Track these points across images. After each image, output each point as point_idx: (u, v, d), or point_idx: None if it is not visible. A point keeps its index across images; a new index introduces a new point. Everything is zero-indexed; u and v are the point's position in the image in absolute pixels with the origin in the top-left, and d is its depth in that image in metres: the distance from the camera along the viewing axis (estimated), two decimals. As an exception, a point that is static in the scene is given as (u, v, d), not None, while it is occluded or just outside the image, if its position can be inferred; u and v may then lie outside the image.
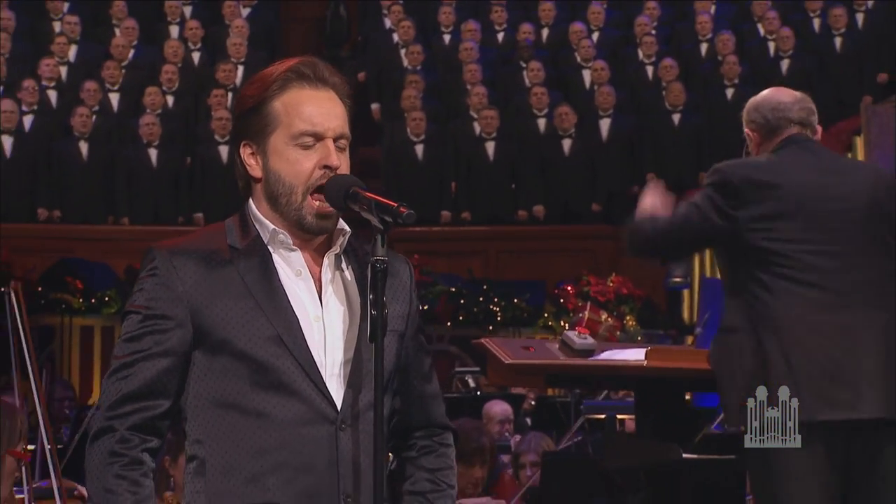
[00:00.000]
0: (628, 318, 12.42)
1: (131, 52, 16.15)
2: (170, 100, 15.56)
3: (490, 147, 15.33)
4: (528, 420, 10.43)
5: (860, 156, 15.18)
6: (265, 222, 3.14)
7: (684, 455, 4.89)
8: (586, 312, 12.36)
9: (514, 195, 15.37)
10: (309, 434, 3.04)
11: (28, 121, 14.74)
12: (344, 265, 3.17)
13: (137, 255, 3.16)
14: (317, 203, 3.08)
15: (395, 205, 2.98)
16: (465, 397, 10.91)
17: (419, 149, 15.38)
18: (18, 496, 4.56)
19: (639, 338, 12.06)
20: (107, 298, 11.32)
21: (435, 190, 15.37)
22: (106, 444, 3.03)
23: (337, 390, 3.07)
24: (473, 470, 6.71)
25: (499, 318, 12.84)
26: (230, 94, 15.73)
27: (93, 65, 15.82)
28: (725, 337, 4.80)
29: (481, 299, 12.84)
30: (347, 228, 3.16)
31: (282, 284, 3.10)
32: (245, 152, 3.17)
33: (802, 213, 4.75)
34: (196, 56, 16.43)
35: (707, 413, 5.28)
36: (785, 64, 16.06)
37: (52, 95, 15.33)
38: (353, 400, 3.07)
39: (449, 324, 12.74)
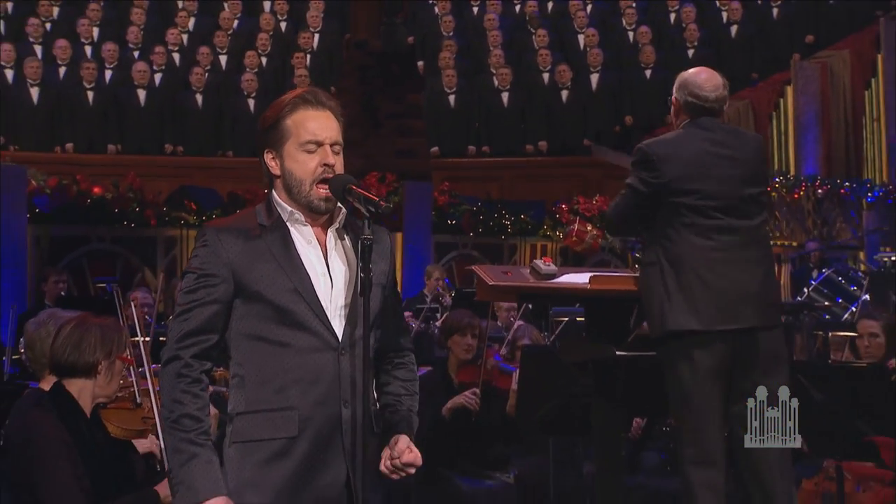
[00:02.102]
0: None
1: (235, 23, 16.00)
2: (264, 60, 15.44)
3: (505, 96, 15.23)
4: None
5: (790, 101, 15.08)
6: (284, 206, 3.20)
7: (618, 352, 4.91)
8: (576, 225, 12.21)
9: (524, 133, 15.24)
10: (318, 358, 3.09)
11: (157, 78, 14.64)
12: (343, 236, 3.22)
13: (238, 182, 3.20)
14: (322, 191, 3.14)
15: (377, 199, 3.07)
16: (479, 292, 10.83)
17: (451, 97, 15.28)
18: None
19: (616, 245, 12.02)
20: (214, 216, 11.31)
21: (462, 129, 15.25)
22: (174, 368, 3.09)
23: (339, 327, 3.12)
24: (466, 338, 6.71)
25: (509, 230, 12.72)
26: (308, 56, 15.69)
27: (206, 33, 15.67)
28: (645, 269, 4.81)
29: (496, 215, 12.67)
30: (345, 209, 3.19)
31: (297, 251, 3.15)
32: (268, 157, 3.22)
33: (700, 177, 4.71)
34: (283, 25, 16.22)
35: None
36: (734, 29, 15.90)
37: (176, 57, 15.20)
38: (349, 333, 3.11)
39: (472, 234, 12.68)
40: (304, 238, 3.18)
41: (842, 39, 15.35)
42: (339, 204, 3.18)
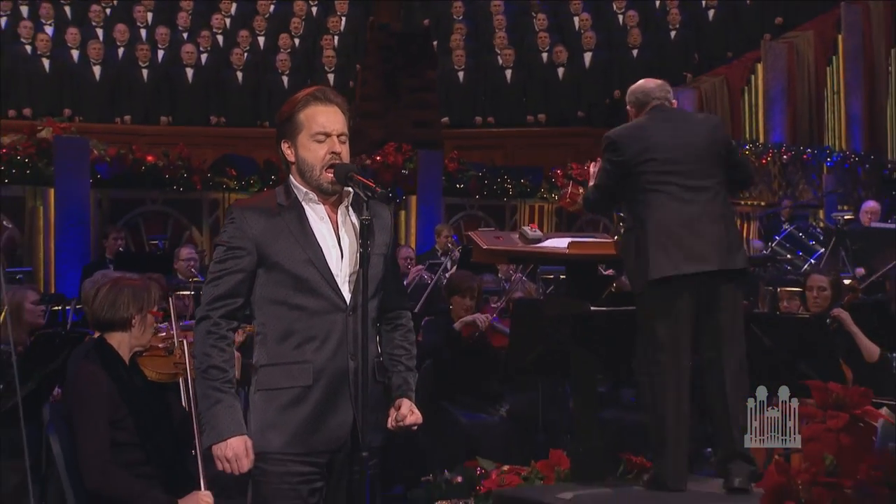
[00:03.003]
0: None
1: (272, 8, 15.92)
2: (296, 42, 15.40)
3: (508, 73, 15.18)
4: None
5: (760, 77, 15.02)
6: (300, 188, 3.23)
7: (593, 307, 4.96)
8: (569, 188, 12.26)
9: (525, 106, 15.16)
10: (329, 318, 3.14)
11: (203, 57, 14.64)
12: (350, 214, 3.24)
13: (274, 151, 3.21)
14: (330, 175, 3.18)
15: (373, 185, 3.11)
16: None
17: (461, 74, 15.24)
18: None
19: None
20: (252, 181, 11.39)
21: (470, 103, 15.20)
22: (204, 326, 3.15)
23: (347, 292, 3.16)
24: (465, 300, 6.78)
25: (510, 193, 12.74)
26: (336, 38, 15.64)
27: (246, 18, 15.63)
28: (624, 233, 4.88)
29: (499, 179, 12.67)
30: (352, 191, 3.19)
31: (311, 227, 3.18)
32: (284, 146, 3.26)
33: (661, 152, 4.76)
34: (314, 10, 16.18)
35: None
36: (711, 13, 15.70)
37: (220, 39, 15.18)
38: (355, 297, 3.14)
39: (477, 196, 12.71)
40: (317, 215, 3.21)
41: (807, 21, 15.23)
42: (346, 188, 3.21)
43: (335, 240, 3.21)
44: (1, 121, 12.67)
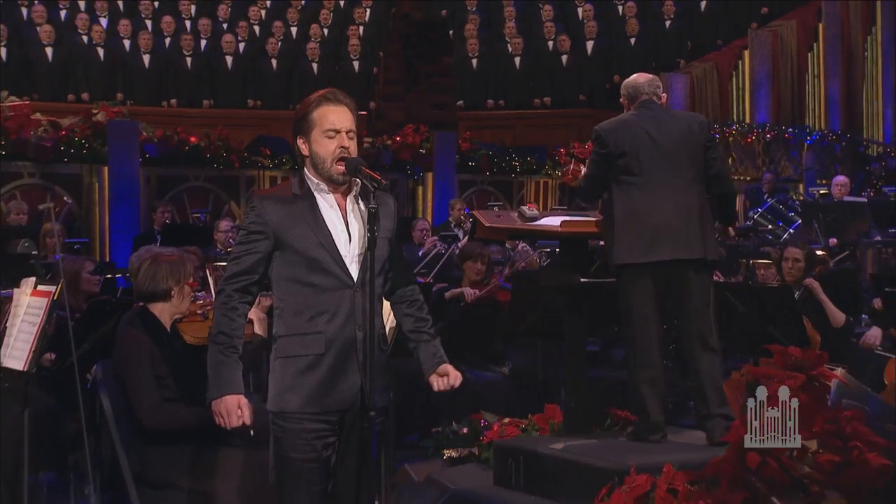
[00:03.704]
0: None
1: (303, 1, 15.86)
2: (325, 31, 15.33)
3: (517, 60, 15.12)
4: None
5: (747, 62, 14.92)
6: (312, 179, 3.25)
7: (582, 279, 4.99)
8: (571, 165, 12.21)
9: (532, 90, 15.08)
10: (339, 294, 3.17)
11: (241, 46, 14.58)
12: (358, 201, 3.26)
13: None
14: (340, 167, 3.20)
15: (378, 177, 3.14)
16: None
17: (474, 61, 15.17)
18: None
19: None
20: (284, 160, 11.38)
21: (482, 87, 15.13)
22: (220, 298, 3.23)
23: (354, 271, 3.18)
24: (476, 264, 6.83)
25: (518, 170, 12.77)
26: (361, 28, 15.57)
27: (280, 10, 15.56)
28: (604, 217, 4.86)
29: (507, 158, 12.66)
30: (360, 181, 3.22)
31: (322, 214, 3.20)
32: (299, 142, 3.28)
33: (639, 147, 4.72)
34: (342, 2, 16.07)
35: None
36: (703, 3, 15.53)
37: (256, 29, 15.09)
38: (362, 276, 3.17)
39: (488, 173, 12.68)
40: (327, 203, 3.23)
41: (790, 12, 15.12)
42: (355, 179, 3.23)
43: (344, 225, 3.22)
44: (61, 104, 12.77)
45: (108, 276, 7.63)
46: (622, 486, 4.06)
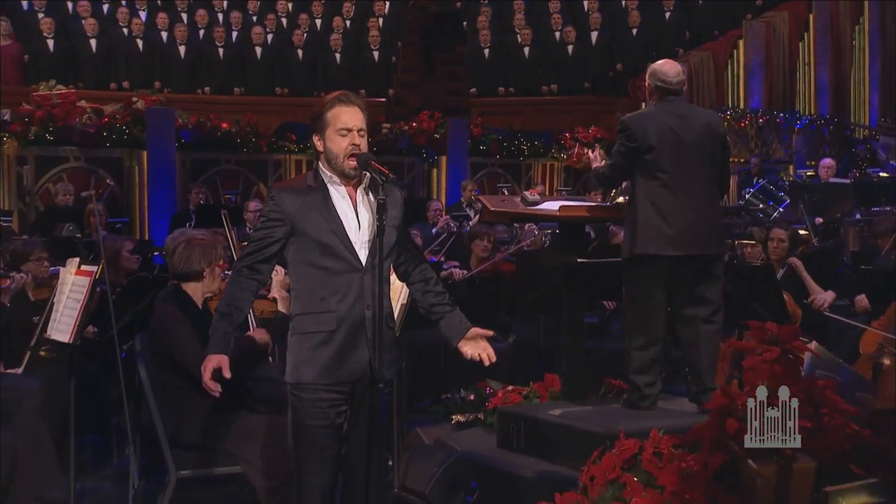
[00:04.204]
0: (600, 150, 12.15)
1: (327, -6, 15.98)
2: (347, 23, 15.28)
3: (526, 50, 15.05)
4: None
5: (741, 51, 14.81)
6: (326, 173, 3.29)
7: (579, 259, 4.98)
8: (576, 149, 12.27)
9: (539, 78, 15.01)
10: (349, 277, 3.21)
11: (269, 38, 14.56)
12: (368, 193, 3.29)
13: None
14: (351, 163, 3.24)
15: (387, 171, 3.18)
16: (502, 201, 10.80)
17: (486, 51, 15.09)
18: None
19: (603, 161, 12.00)
20: (308, 145, 11.28)
21: (493, 75, 15.06)
22: (233, 273, 3.32)
23: (363, 256, 3.22)
24: (484, 242, 6.87)
25: (525, 153, 12.79)
26: (380, 20, 15.53)
27: (306, 3, 15.48)
28: (629, 206, 4.79)
29: (516, 142, 12.71)
30: (369, 175, 3.25)
31: (334, 204, 3.24)
32: (315, 139, 3.32)
33: (662, 143, 4.63)
34: (363, -3, 16.23)
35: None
36: (702, -5, 15.58)
37: (284, 22, 15.07)
38: (370, 260, 3.21)
39: (497, 156, 12.71)
40: (339, 195, 3.27)
41: (783, 3, 15.00)
42: (365, 172, 3.28)
43: (354, 214, 3.26)
44: (104, 92, 12.86)
45: (147, 254, 7.71)
46: (612, 449, 4.09)
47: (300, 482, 3.24)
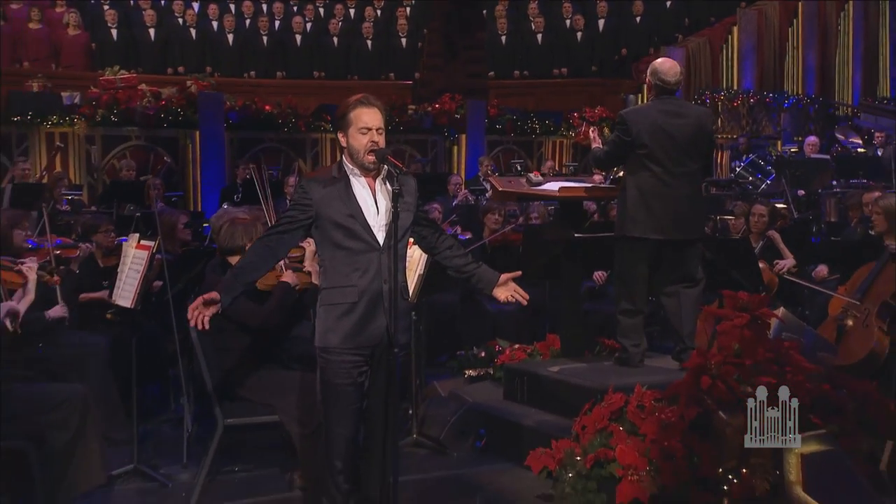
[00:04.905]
0: (605, 129, 11.95)
1: (361, -13, 15.87)
2: (378, 13, 15.18)
3: (539, 36, 14.94)
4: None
5: (735, 37, 14.65)
6: (348, 165, 3.35)
7: (576, 234, 5.09)
8: (583, 127, 12.30)
9: (551, 62, 14.88)
10: (368, 256, 3.27)
11: (308, 26, 14.52)
12: (385, 183, 3.34)
13: None
14: (371, 157, 3.29)
15: (402, 165, 3.25)
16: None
17: (503, 38, 14.99)
18: None
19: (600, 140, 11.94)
20: None
21: (509, 60, 14.93)
22: (257, 241, 3.42)
23: (381, 238, 3.28)
24: (495, 216, 6.91)
25: (537, 131, 12.74)
26: (408, 9, 15.42)
27: (340, -6, 15.63)
28: (621, 191, 4.83)
29: (528, 121, 12.65)
30: (386, 168, 3.30)
31: (354, 193, 3.30)
32: (339, 136, 3.38)
33: (654, 142, 4.67)
34: (393, -11, 16.12)
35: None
36: (697, -16, 15.39)
37: (321, 11, 15.00)
38: (387, 241, 3.27)
39: (512, 135, 12.67)
40: (360, 185, 3.32)
41: (774, -8, 14.93)
42: (383, 165, 3.34)
43: (373, 201, 3.32)
44: (161, 77, 12.96)
45: (198, 227, 7.86)
46: (602, 402, 4.21)
47: (328, 432, 3.34)
